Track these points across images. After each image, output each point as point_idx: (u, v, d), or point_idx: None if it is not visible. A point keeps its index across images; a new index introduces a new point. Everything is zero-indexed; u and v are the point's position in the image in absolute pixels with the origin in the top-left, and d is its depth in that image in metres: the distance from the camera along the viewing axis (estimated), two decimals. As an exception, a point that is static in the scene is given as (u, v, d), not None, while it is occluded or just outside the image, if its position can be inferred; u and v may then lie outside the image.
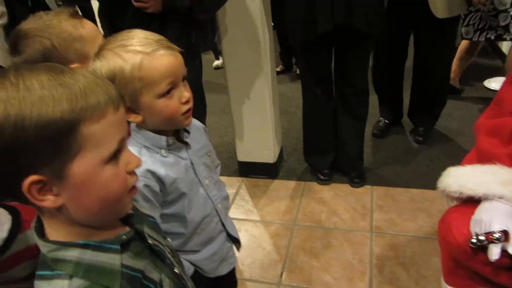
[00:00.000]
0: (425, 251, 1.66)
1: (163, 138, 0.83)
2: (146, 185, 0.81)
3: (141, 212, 0.67)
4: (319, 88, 1.97)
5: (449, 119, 2.55)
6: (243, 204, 2.04)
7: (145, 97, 0.76)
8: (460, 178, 1.02)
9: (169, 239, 0.75)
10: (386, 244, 1.72)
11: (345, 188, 2.09)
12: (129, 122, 0.81)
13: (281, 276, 1.61)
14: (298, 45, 1.90)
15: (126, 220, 0.60)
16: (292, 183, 2.17)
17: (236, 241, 1.06)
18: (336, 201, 2.00)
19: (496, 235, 0.88)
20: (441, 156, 2.25)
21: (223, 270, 1.02)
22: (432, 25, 2.00)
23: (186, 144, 0.88)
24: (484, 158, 1.01)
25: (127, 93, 0.74)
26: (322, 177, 2.14)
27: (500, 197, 0.94)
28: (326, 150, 2.15)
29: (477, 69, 3.10)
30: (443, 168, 1.11)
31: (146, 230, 0.62)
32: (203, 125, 1.00)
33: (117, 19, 1.49)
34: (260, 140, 2.16)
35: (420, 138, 2.37)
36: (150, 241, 0.61)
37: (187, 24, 1.52)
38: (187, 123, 0.83)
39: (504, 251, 0.89)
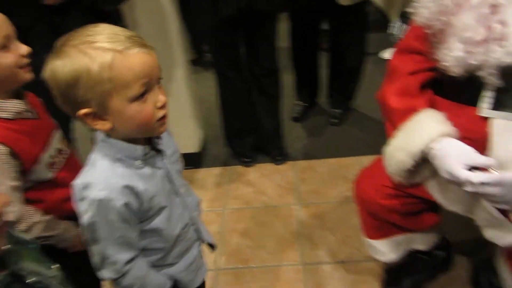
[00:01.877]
0: (347, 214, 1.80)
1: (139, 147, 0.74)
2: (125, 204, 0.72)
3: (21, 244, 0.62)
4: (231, 71, 2.00)
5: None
6: (171, 197, 2.02)
7: (115, 101, 0.67)
8: (403, 148, 1.01)
9: (57, 265, 0.70)
10: (312, 213, 1.83)
11: (269, 167, 2.17)
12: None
13: (218, 260, 1.65)
14: (206, 31, 1.91)
15: (2, 261, 0.55)
16: (217, 170, 2.20)
17: (210, 246, 1.00)
18: (262, 180, 2.07)
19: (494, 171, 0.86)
20: (352, 126, 2.43)
21: (198, 281, 0.95)
22: (340, 9, 2.06)
23: (160, 151, 0.80)
24: (404, 116, 1.03)
25: (94, 97, 0.66)
26: (245, 159, 2.20)
27: (445, 135, 0.95)
28: (246, 132, 2.20)
29: (372, 42, 3.36)
30: (353, 136, 1.18)
31: (27, 265, 0.58)
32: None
33: (13, 14, 1.36)
34: (181, 131, 2.13)
35: (335, 120, 2.48)
36: (30, 280, 0.57)
37: (92, 16, 1.44)
38: (161, 130, 0.74)
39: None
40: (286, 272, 1.55)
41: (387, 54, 3.18)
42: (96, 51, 0.64)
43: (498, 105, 0.91)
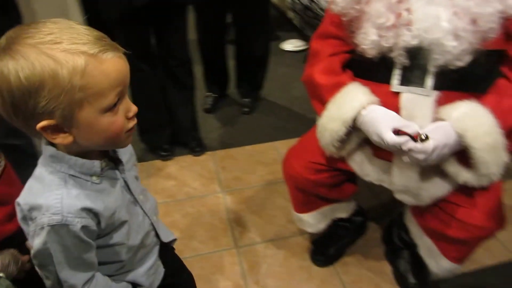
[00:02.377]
0: (270, 196, 1.89)
1: (96, 162, 0.67)
2: (84, 227, 0.64)
3: None
4: (143, 63, 1.94)
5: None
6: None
7: (85, 112, 0.58)
8: (336, 118, 1.09)
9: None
10: (237, 199, 1.88)
11: (188, 158, 2.16)
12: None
13: (148, 257, 1.60)
14: (113, 22, 1.81)
15: None
16: (134, 167, 2.11)
17: (170, 244, 0.96)
18: (183, 172, 2.05)
19: (423, 136, 0.96)
20: (262, 114, 2.54)
21: (157, 282, 0.89)
22: (244, 2, 2.12)
23: (117, 161, 0.72)
24: (332, 91, 1.12)
25: (60, 107, 0.56)
26: (163, 153, 2.15)
27: (373, 103, 1.06)
28: (162, 125, 2.15)
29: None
30: (265, 123, 1.24)
31: None
32: None
33: None
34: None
35: (246, 109, 2.55)
36: None
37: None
38: (128, 142, 0.67)
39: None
40: (221, 257, 1.58)
41: (287, 45, 3.38)
42: (64, 54, 0.55)
43: (405, 81, 1.05)
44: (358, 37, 1.05)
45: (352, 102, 1.07)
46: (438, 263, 1.28)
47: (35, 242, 0.64)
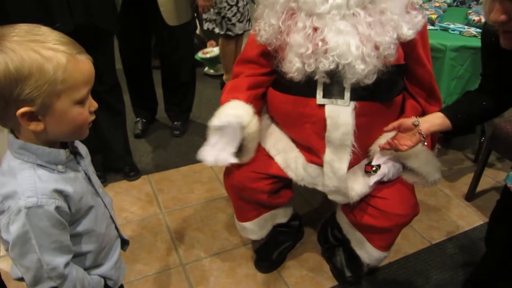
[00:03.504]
0: (210, 212, 1.94)
1: (62, 152, 0.73)
2: (57, 207, 0.70)
3: None
4: None
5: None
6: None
7: (61, 102, 0.67)
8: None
9: None
10: (178, 218, 1.90)
11: (123, 184, 2.13)
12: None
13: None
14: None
15: None
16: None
17: (125, 243, 1.00)
18: (120, 198, 2.02)
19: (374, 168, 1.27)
20: (193, 135, 2.60)
21: (122, 277, 0.95)
22: (168, 29, 2.16)
23: (76, 154, 0.80)
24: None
25: (41, 95, 0.64)
26: (96, 181, 2.10)
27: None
28: (92, 152, 2.07)
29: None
30: (197, 143, 1.35)
31: None
32: None
33: None
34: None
35: (177, 132, 2.60)
36: None
37: None
38: (86, 134, 0.75)
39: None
40: (168, 276, 1.59)
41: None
42: (49, 51, 0.64)
43: (327, 95, 1.21)
44: (284, 66, 1.19)
45: (220, 114, 1.23)
46: (369, 253, 1.43)
47: (13, 229, 0.67)
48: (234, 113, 1.22)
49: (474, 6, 2.27)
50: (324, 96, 1.21)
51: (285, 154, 1.37)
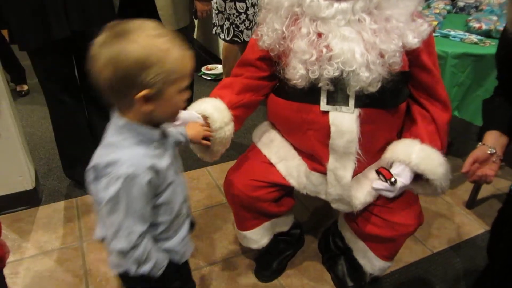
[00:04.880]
0: (209, 220, 1.91)
1: (156, 131, 0.84)
2: (149, 181, 0.80)
3: None
4: (66, 96, 1.87)
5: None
6: (11, 244, 1.74)
7: (171, 89, 0.78)
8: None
9: None
10: (176, 226, 1.87)
11: (121, 191, 2.10)
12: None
13: (87, 296, 1.52)
14: (31, 53, 1.74)
15: None
16: (61, 204, 2.00)
17: (193, 225, 1.07)
18: (117, 205, 1.99)
19: (393, 180, 1.17)
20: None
21: (188, 254, 1.02)
22: None
23: (166, 136, 0.90)
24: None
25: (159, 81, 0.75)
26: (92, 187, 2.07)
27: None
28: (89, 158, 2.06)
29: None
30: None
31: None
32: None
33: None
34: (9, 168, 1.87)
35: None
36: None
37: None
38: (177, 118, 0.89)
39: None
40: (166, 285, 1.56)
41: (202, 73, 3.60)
42: (168, 45, 0.75)
43: (331, 102, 1.19)
44: (288, 72, 1.17)
45: (192, 107, 1.24)
46: (371, 263, 1.41)
47: (109, 191, 0.77)
48: (209, 113, 1.21)
49: (473, 13, 2.27)
50: (328, 103, 1.19)
51: (287, 162, 1.35)
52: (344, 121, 1.17)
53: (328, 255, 1.64)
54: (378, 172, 1.19)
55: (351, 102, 1.16)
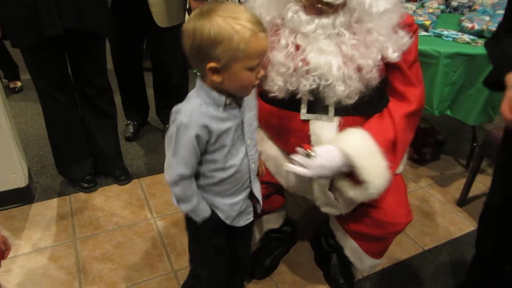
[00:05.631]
0: (202, 217, 1.92)
1: (223, 98, 0.93)
2: (197, 135, 0.92)
3: None
4: (59, 93, 1.87)
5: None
6: (3, 241, 1.73)
7: (237, 66, 0.87)
8: None
9: None
10: (170, 223, 1.88)
11: (114, 188, 2.10)
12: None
13: (80, 293, 1.53)
14: (23, 50, 1.73)
15: None
16: (54, 202, 2.00)
17: (258, 202, 1.14)
18: (110, 202, 1.99)
19: (312, 153, 1.11)
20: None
21: (239, 223, 1.11)
22: (159, 31, 2.12)
23: (240, 106, 0.98)
24: None
25: (226, 57, 0.85)
26: (86, 185, 2.07)
27: None
28: (83, 156, 2.07)
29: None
30: None
31: None
32: None
33: None
34: (2, 165, 1.86)
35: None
36: None
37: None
38: (249, 93, 0.97)
39: None
40: (160, 283, 1.56)
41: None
42: (239, 26, 0.83)
43: (312, 110, 1.19)
44: (266, 85, 1.17)
45: None
46: (362, 261, 1.43)
47: (169, 132, 0.95)
48: None
49: (467, 13, 2.29)
50: (308, 111, 1.19)
51: (276, 160, 1.35)
52: (324, 130, 1.18)
53: (320, 253, 1.66)
54: (300, 148, 1.14)
55: (331, 111, 1.17)
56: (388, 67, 1.16)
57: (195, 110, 0.92)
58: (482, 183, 2.23)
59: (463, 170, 2.35)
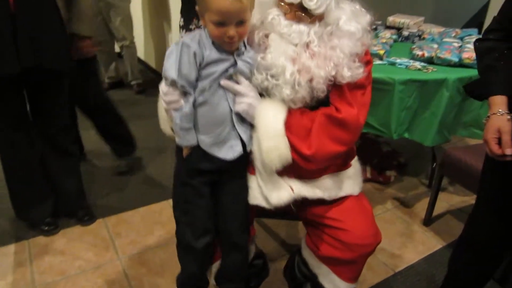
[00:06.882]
0: (170, 255, 1.86)
1: (210, 39, 1.08)
2: (194, 53, 1.06)
3: None
4: (16, 133, 1.80)
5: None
6: (-46, 295, 1.61)
7: (206, 16, 1.04)
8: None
9: None
10: (136, 263, 1.81)
11: (77, 229, 2.01)
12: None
13: None
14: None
15: None
16: (11, 248, 1.88)
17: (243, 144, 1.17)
18: (73, 245, 1.90)
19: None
20: (144, 171, 2.52)
21: (220, 153, 1.14)
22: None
23: (240, 53, 1.11)
24: None
25: (200, 5, 1.05)
26: (46, 227, 1.97)
27: None
28: (42, 197, 1.98)
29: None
30: (154, 180, 1.31)
31: None
32: None
33: None
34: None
35: (125, 169, 2.52)
36: None
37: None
38: (230, 47, 1.08)
39: None
40: (127, 328, 1.48)
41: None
42: None
43: None
44: None
45: None
46: (336, 286, 1.41)
47: (168, 50, 1.09)
48: None
49: (417, 41, 2.43)
50: None
51: None
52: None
53: (295, 283, 1.63)
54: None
55: None
56: (333, 85, 1.19)
57: (194, 38, 1.08)
58: (445, 201, 2.30)
59: (426, 189, 2.43)
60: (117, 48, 3.81)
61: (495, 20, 1.24)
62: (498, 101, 1.12)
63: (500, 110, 1.10)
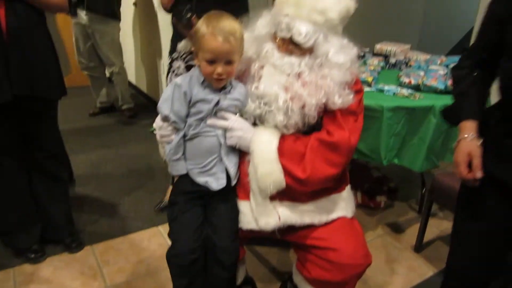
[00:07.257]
0: (160, 283, 1.82)
1: (202, 77, 1.20)
2: (184, 92, 1.18)
3: None
4: (4, 160, 1.78)
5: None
6: None
7: (200, 54, 1.16)
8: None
9: None
10: (125, 292, 1.77)
11: (64, 257, 1.97)
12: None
13: None
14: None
15: None
16: (-5, 276, 1.83)
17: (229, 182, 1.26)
18: (60, 273, 1.86)
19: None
20: (140, 195, 2.50)
21: (206, 182, 1.24)
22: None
23: (224, 91, 1.21)
24: None
25: (195, 44, 1.17)
26: (32, 255, 1.92)
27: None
28: (29, 223, 1.94)
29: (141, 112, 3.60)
30: (145, 207, 1.32)
31: None
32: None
33: None
34: None
35: None
36: None
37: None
38: (217, 85, 1.19)
39: None
40: None
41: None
42: (208, 26, 1.13)
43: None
44: None
45: None
46: (328, 311, 1.40)
47: (166, 90, 1.22)
48: None
49: (404, 68, 2.48)
50: None
51: None
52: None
53: (285, 311, 1.61)
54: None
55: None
56: (325, 111, 1.25)
57: (186, 79, 1.20)
58: (435, 227, 2.31)
59: (416, 215, 2.44)
60: (108, 73, 3.83)
61: (470, 48, 1.30)
62: (467, 126, 1.16)
63: (468, 134, 1.14)
